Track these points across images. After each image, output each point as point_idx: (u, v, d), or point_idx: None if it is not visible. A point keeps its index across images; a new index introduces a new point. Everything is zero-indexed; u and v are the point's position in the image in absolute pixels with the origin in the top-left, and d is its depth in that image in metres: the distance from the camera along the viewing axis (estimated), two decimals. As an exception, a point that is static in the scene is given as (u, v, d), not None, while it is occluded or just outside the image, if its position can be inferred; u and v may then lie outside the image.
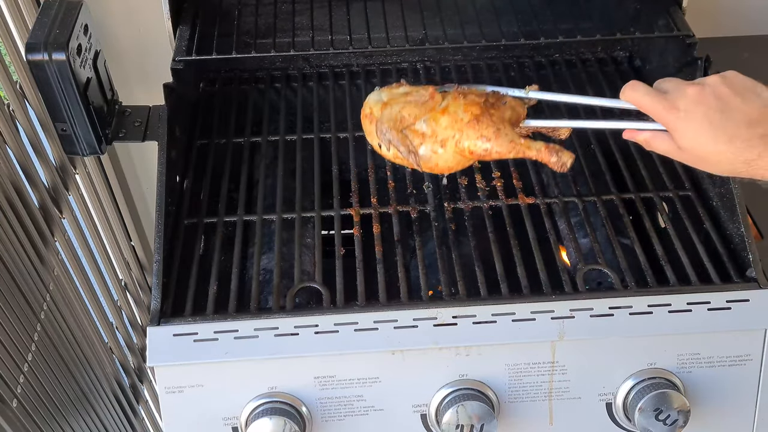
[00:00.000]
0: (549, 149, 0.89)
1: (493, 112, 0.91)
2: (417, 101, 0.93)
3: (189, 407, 0.91)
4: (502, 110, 0.92)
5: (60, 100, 0.98)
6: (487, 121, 0.90)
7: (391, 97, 0.95)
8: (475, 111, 0.91)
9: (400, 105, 0.93)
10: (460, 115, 0.91)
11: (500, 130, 0.90)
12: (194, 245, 1.02)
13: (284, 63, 1.25)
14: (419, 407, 0.93)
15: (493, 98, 0.92)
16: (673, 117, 0.79)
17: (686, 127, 0.78)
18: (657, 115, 0.81)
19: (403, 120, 0.92)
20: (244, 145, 1.15)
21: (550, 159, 0.89)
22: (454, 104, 0.92)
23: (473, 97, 0.92)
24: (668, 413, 0.89)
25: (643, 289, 0.95)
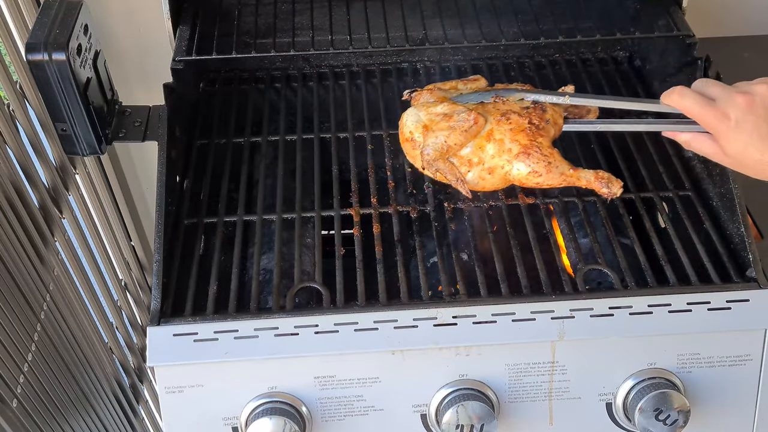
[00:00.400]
0: (599, 179, 0.92)
1: (540, 138, 0.92)
2: (461, 127, 0.93)
3: (189, 407, 0.91)
4: (547, 130, 0.94)
5: (60, 100, 0.98)
6: (537, 155, 0.92)
7: (430, 119, 0.95)
8: (523, 141, 0.92)
9: (444, 133, 0.93)
10: (507, 144, 0.93)
11: (551, 163, 0.93)
12: (194, 245, 1.02)
13: (284, 63, 1.25)
14: (419, 407, 0.93)
15: (536, 117, 0.94)
16: (725, 127, 0.80)
17: (736, 137, 0.80)
18: (707, 122, 0.82)
19: (449, 149, 0.94)
20: (244, 145, 1.15)
21: (601, 189, 0.92)
22: (499, 129, 0.93)
23: (517, 119, 0.93)
24: (668, 413, 0.89)
25: (643, 289, 0.95)
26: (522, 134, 0.93)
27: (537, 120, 0.94)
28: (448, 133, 0.93)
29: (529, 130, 0.93)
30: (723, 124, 0.80)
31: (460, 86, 1.05)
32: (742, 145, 0.79)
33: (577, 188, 1.07)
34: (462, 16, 1.20)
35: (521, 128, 0.93)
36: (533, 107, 0.96)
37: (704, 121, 0.82)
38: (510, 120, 0.94)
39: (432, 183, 1.07)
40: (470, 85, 1.05)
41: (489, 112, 0.96)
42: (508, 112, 0.95)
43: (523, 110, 0.95)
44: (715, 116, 0.80)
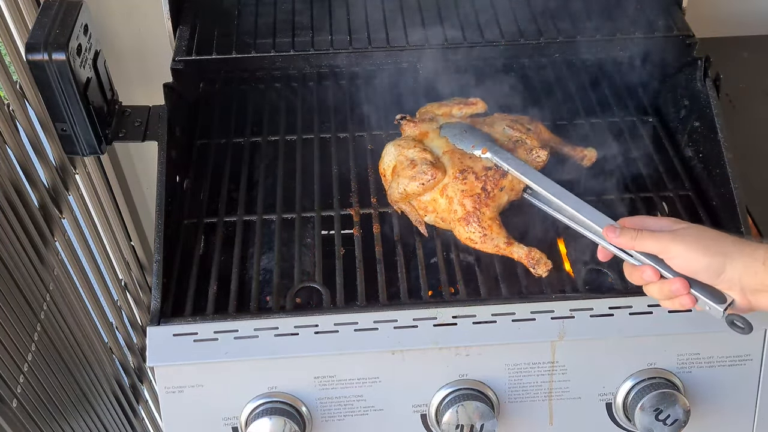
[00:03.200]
0: (529, 258, 0.95)
1: (485, 208, 0.96)
2: (419, 180, 0.97)
3: (189, 407, 0.91)
4: (498, 198, 0.97)
5: (60, 100, 0.98)
6: (475, 225, 0.96)
7: (400, 162, 1.00)
8: (468, 207, 0.96)
9: (405, 181, 0.98)
10: (455, 205, 0.97)
11: (486, 236, 0.96)
12: (194, 245, 1.02)
13: (284, 63, 1.25)
14: (419, 407, 0.93)
15: (491, 183, 0.96)
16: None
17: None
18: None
19: (408, 196, 0.99)
20: (244, 145, 1.15)
21: (529, 267, 0.95)
22: (453, 187, 0.97)
23: (471, 181, 0.96)
24: (668, 413, 0.89)
25: (643, 289, 0.95)
26: (470, 199, 0.95)
27: (491, 186, 0.96)
28: (408, 182, 0.98)
29: (478, 197, 0.95)
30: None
31: (455, 111, 1.08)
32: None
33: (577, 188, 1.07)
34: (462, 17, 1.20)
35: (472, 193, 0.95)
36: (495, 169, 0.96)
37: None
38: (465, 180, 0.96)
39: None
40: (466, 110, 1.08)
41: (453, 163, 0.98)
42: (467, 170, 0.97)
43: (483, 171, 0.96)
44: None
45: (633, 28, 1.19)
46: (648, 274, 0.83)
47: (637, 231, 0.84)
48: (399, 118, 1.06)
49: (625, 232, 0.84)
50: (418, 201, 0.99)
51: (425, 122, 1.05)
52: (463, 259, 1.00)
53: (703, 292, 0.81)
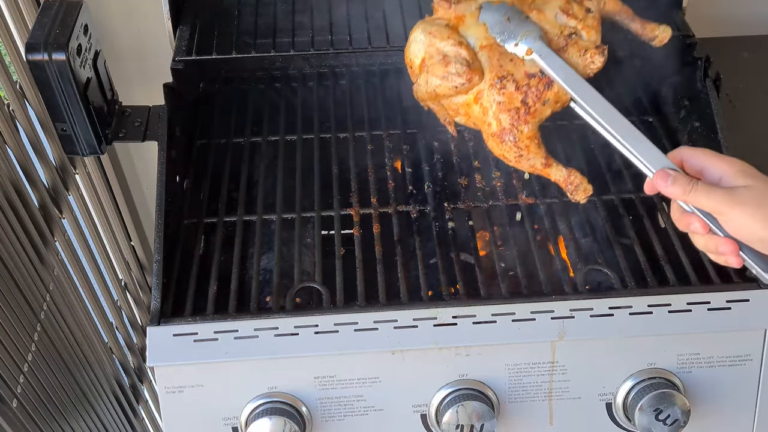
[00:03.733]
0: (567, 182, 0.86)
1: (523, 125, 0.83)
2: (451, 83, 0.84)
3: (189, 407, 0.91)
4: (539, 113, 0.84)
5: (60, 100, 0.98)
6: (510, 145, 0.84)
7: (430, 56, 0.86)
8: (504, 122, 0.83)
9: (436, 81, 0.85)
10: (489, 117, 0.84)
11: (522, 156, 0.85)
12: (194, 245, 1.02)
13: (284, 63, 1.25)
14: (419, 407, 0.93)
15: (533, 95, 0.83)
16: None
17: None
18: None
19: (438, 96, 0.87)
20: (244, 145, 1.15)
21: (566, 191, 0.87)
22: (489, 95, 0.84)
23: (511, 91, 0.83)
24: (668, 413, 0.89)
25: (643, 289, 0.95)
26: (507, 114, 0.83)
27: (533, 100, 0.83)
28: (439, 82, 0.86)
29: (516, 112, 0.83)
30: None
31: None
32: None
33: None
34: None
35: (510, 106, 0.83)
36: (539, 77, 0.83)
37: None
38: (503, 90, 0.83)
39: (432, 183, 1.07)
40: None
41: (491, 65, 0.84)
42: (507, 77, 0.83)
43: (526, 78, 0.83)
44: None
45: (633, 28, 1.19)
46: (696, 226, 0.76)
47: (692, 183, 0.75)
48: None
49: (679, 181, 0.75)
50: (449, 101, 0.88)
51: (461, 4, 0.89)
52: (463, 259, 1.00)
53: (753, 257, 0.74)
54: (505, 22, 0.86)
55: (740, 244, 0.74)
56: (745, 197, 0.73)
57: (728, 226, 0.74)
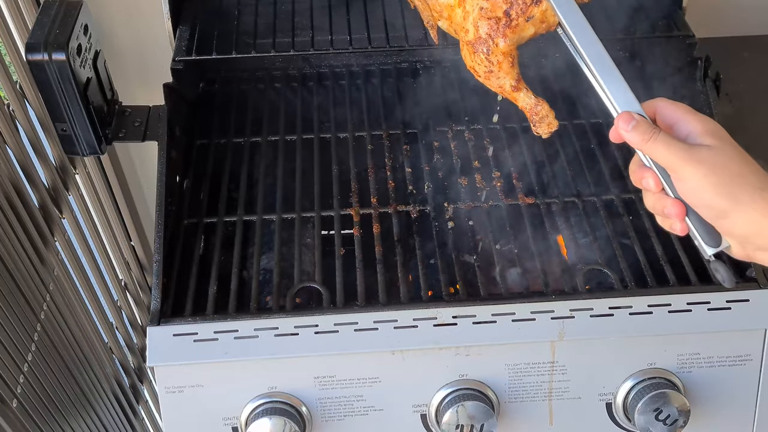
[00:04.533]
0: (533, 113, 0.81)
1: (500, 39, 0.78)
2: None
3: (189, 407, 0.91)
4: (520, 29, 0.79)
5: (60, 100, 0.98)
6: (481, 57, 0.79)
7: None
8: (481, 31, 0.79)
9: None
10: (468, 22, 0.80)
11: (492, 72, 0.80)
12: (194, 245, 1.02)
13: (284, 63, 1.25)
14: (419, 407, 0.93)
15: (519, 8, 0.78)
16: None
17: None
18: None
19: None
20: (244, 145, 1.15)
21: (532, 122, 0.82)
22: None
23: (496, 1, 0.78)
24: (668, 413, 0.89)
25: (643, 289, 0.95)
26: (485, 22, 0.78)
27: (517, 12, 0.78)
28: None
29: (496, 22, 0.78)
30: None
31: None
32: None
33: (577, 188, 1.07)
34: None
35: (491, 14, 0.79)
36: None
37: None
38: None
39: (432, 183, 1.07)
40: None
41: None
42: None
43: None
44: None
45: (633, 28, 1.19)
46: (648, 182, 0.73)
47: (654, 131, 0.71)
48: None
49: (640, 127, 0.72)
50: (436, 1, 0.84)
51: None
52: (463, 259, 1.00)
53: (698, 226, 0.71)
54: None
55: (688, 209, 0.71)
56: (703, 156, 0.69)
57: (680, 186, 0.71)
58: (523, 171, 1.08)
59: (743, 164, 0.69)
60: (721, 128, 0.73)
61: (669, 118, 0.75)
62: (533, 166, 1.08)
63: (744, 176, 0.68)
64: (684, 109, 0.74)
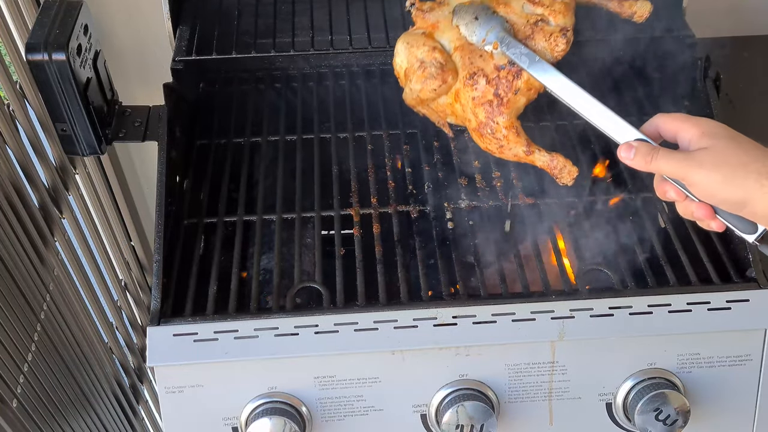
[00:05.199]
0: (551, 167, 0.88)
1: (499, 117, 0.86)
2: (430, 85, 0.89)
3: (189, 407, 0.91)
4: (513, 102, 0.86)
5: (60, 100, 0.98)
6: (489, 137, 0.88)
7: (410, 63, 0.92)
8: (480, 116, 0.88)
9: (418, 86, 0.90)
10: (468, 113, 0.89)
11: (503, 146, 0.88)
12: (194, 245, 1.02)
13: (284, 63, 1.25)
14: (419, 407, 0.93)
15: (504, 86, 0.86)
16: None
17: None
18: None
19: (423, 101, 0.92)
20: (244, 145, 1.15)
21: (553, 176, 0.89)
22: (464, 93, 0.88)
23: (483, 86, 0.87)
24: (668, 413, 0.89)
25: (643, 289, 0.95)
26: (481, 108, 0.87)
27: (504, 91, 0.86)
28: (419, 87, 0.91)
29: (490, 105, 0.87)
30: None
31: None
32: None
33: (577, 189, 1.07)
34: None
35: (483, 100, 0.87)
36: (508, 68, 0.86)
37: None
38: (475, 86, 0.87)
39: (432, 183, 1.07)
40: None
41: (463, 63, 0.89)
42: (477, 73, 0.87)
43: (495, 71, 0.87)
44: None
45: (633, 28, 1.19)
46: (671, 194, 0.76)
47: (653, 152, 0.75)
48: (410, 3, 0.96)
49: (640, 152, 0.76)
50: (436, 104, 0.93)
51: (436, 9, 0.94)
52: (464, 259, 1.00)
53: (731, 220, 0.74)
54: (474, 21, 0.90)
55: (714, 207, 0.74)
56: (702, 159, 0.72)
57: (695, 190, 0.74)
58: (523, 171, 1.08)
59: (742, 154, 0.71)
60: (717, 126, 0.75)
61: (669, 130, 0.77)
62: (533, 166, 1.08)
63: (746, 165, 0.70)
64: (681, 118, 0.77)
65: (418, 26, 0.96)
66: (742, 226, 0.74)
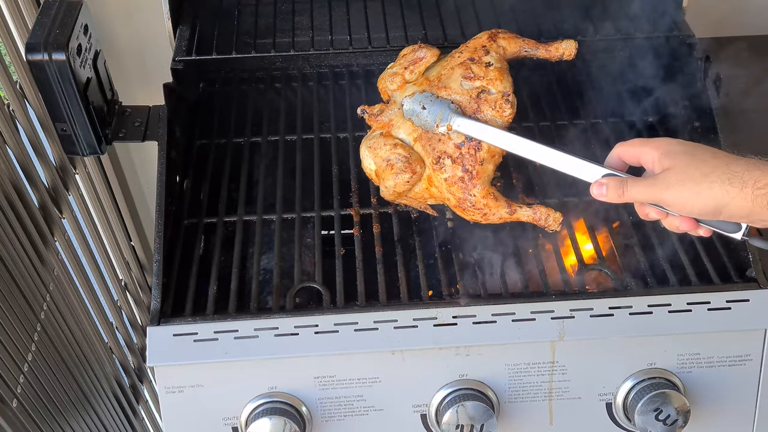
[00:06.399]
0: (536, 219, 0.94)
1: (474, 189, 0.93)
2: (402, 180, 0.96)
3: (189, 407, 0.91)
4: (482, 171, 0.93)
5: (60, 100, 0.98)
6: (471, 209, 0.94)
7: (378, 165, 0.97)
8: (457, 194, 0.93)
9: (390, 183, 0.96)
10: (445, 194, 0.95)
11: (486, 213, 0.94)
12: (194, 245, 1.02)
13: (284, 63, 1.25)
14: (419, 407, 0.93)
15: (470, 161, 0.92)
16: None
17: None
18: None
19: (401, 194, 0.98)
20: (244, 145, 1.15)
21: (541, 226, 0.95)
22: (436, 177, 0.95)
23: (450, 167, 0.93)
24: (668, 413, 0.89)
25: (643, 289, 0.95)
26: (455, 187, 0.93)
27: (470, 165, 0.92)
28: (393, 183, 0.96)
29: (462, 181, 0.93)
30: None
31: (408, 76, 1.00)
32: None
33: (577, 189, 1.07)
34: (462, 16, 1.20)
35: (454, 179, 0.93)
36: (467, 143, 0.92)
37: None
38: (444, 168, 0.93)
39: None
40: (417, 69, 0.99)
41: (426, 151, 0.95)
42: (441, 156, 0.93)
43: (457, 150, 0.92)
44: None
45: (633, 28, 1.19)
46: (653, 215, 0.80)
47: (622, 185, 0.79)
48: (360, 111, 1.02)
49: (610, 187, 0.80)
50: (413, 193, 0.98)
51: (385, 111, 1.00)
52: (463, 259, 1.00)
53: (714, 224, 0.78)
54: (422, 111, 0.95)
55: (697, 218, 0.78)
56: (668, 180, 0.76)
57: (672, 208, 0.78)
58: (523, 171, 1.08)
59: (702, 166, 0.75)
60: (674, 143, 0.79)
61: (632, 157, 0.82)
62: (533, 166, 1.08)
63: (708, 176, 0.74)
64: (638, 143, 0.82)
65: (375, 128, 1.01)
66: (727, 227, 0.78)
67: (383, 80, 1.02)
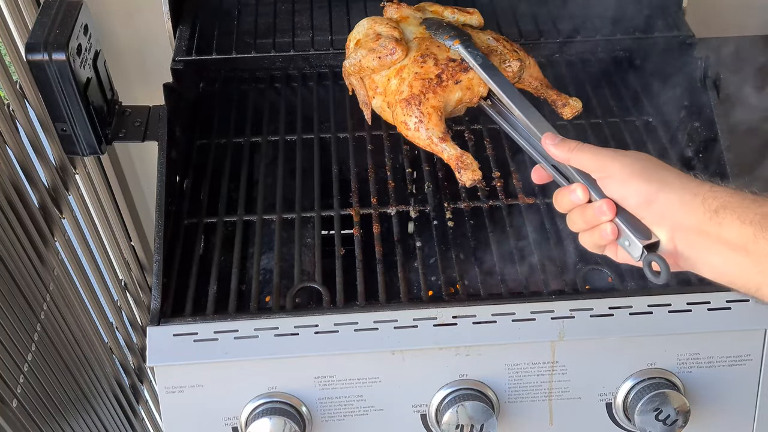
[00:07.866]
0: (457, 162, 0.91)
1: (431, 94, 0.91)
2: (377, 53, 0.95)
3: (189, 407, 0.91)
4: (448, 90, 0.92)
5: (60, 100, 0.98)
6: (413, 109, 0.92)
7: (366, 35, 0.97)
8: (414, 89, 0.91)
9: (363, 52, 0.95)
10: (404, 85, 0.93)
11: (421, 122, 0.92)
12: (194, 245, 1.02)
13: (284, 63, 1.25)
14: (419, 407, 0.93)
15: (449, 73, 0.92)
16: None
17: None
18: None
19: (363, 70, 0.96)
20: (244, 145, 1.15)
21: (455, 170, 0.92)
22: (410, 68, 0.93)
23: (429, 66, 0.92)
24: (668, 413, 0.89)
25: (643, 289, 0.95)
26: (420, 82, 0.92)
27: (447, 76, 0.92)
28: (366, 53, 0.95)
29: (429, 82, 0.92)
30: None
31: (447, 13, 1.04)
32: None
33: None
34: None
35: (424, 76, 0.92)
36: (459, 63, 0.93)
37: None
38: (423, 64, 0.93)
39: (432, 183, 1.07)
40: (459, 16, 1.04)
41: (419, 47, 0.95)
42: (429, 55, 0.94)
43: (446, 61, 0.93)
44: None
45: (633, 28, 1.19)
46: (577, 195, 0.77)
47: (577, 143, 0.79)
48: (384, 2, 1.03)
49: (566, 142, 0.80)
50: (371, 80, 0.97)
51: (410, 9, 1.02)
52: (463, 259, 1.00)
53: (627, 224, 0.74)
54: (442, 27, 0.98)
55: (617, 207, 0.75)
56: (627, 155, 0.76)
57: (608, 183, 0.75)
58: (523, 171, 1.08)
59: (661, 162, 0.76)
60: (633, 153, 0.78)
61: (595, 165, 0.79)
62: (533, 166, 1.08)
63: (666, 168, 0.75)
64: (589, 146, 0.80)
65: (388, 17, 1.03)
66: (637, 232, 0.74)
67: (425, 3, 1.05)
